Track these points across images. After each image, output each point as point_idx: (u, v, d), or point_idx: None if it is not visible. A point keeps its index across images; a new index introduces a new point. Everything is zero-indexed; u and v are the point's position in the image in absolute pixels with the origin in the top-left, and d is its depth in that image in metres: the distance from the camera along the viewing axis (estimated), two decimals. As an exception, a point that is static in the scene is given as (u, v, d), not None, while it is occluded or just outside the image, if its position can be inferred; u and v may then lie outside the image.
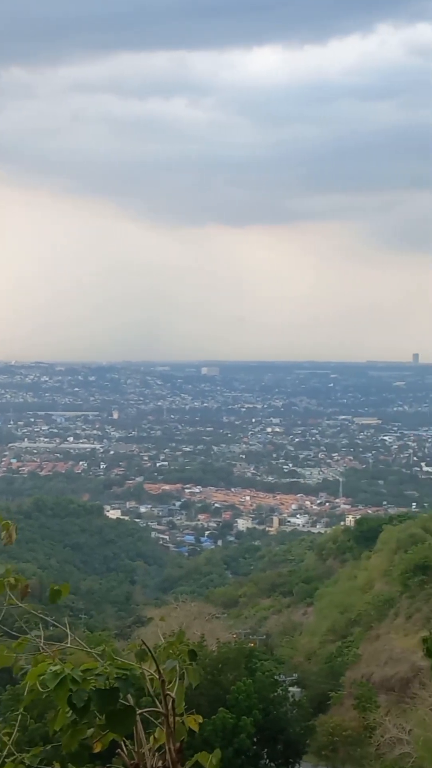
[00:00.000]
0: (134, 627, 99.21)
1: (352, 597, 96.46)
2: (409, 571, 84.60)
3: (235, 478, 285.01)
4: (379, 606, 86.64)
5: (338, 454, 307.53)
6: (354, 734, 59.85)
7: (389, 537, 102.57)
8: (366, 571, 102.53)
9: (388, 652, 76.04)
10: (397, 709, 63.17)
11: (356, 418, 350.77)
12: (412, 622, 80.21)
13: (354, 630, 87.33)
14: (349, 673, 75.34)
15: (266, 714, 57.59)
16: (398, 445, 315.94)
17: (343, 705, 67.32)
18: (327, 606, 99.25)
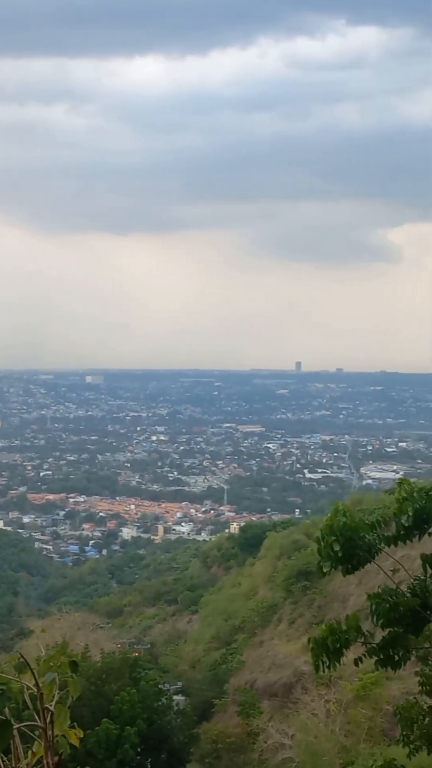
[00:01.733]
0: (16, 639, 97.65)
1: (236, 604, 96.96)
2: (292, 577, 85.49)
3: (120, 487, 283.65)
4: (263, 612, 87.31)
5: (223, 462, 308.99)
6: (237, 741, 60.18)
7: (273, 543, 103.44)
8: (250, 577, 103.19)
9: (271, 658, 76.67)
10: (280, 715, 63.81)
11: (240, 426, 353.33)
12: (294, 627, 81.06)
13: (238, 637, 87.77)
14: (233, 679, 75.73)
15: (150, 723, 57.43)
16: (281, 452, 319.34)
17: (227, 712, 67.68)
18: (211, 613, 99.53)
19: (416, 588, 14.96)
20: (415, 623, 15.07)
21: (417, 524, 14.64)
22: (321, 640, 14.64)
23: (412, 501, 14.49)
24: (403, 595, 14.91)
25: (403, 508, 14.51)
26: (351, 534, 14.14)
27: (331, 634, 14.58)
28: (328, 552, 14.38)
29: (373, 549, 14.38)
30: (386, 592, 14.92)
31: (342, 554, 14.19)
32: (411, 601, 14.78)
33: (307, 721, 55.51)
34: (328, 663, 14.73)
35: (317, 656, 14.77)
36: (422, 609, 14.89)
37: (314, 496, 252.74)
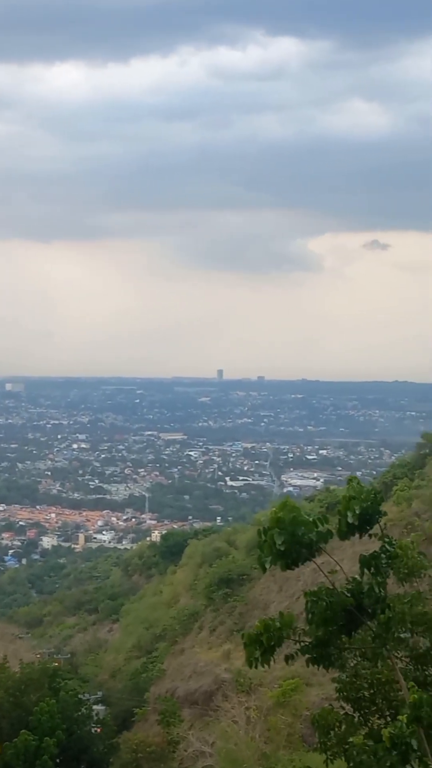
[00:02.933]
0: None
1: (157, 612, 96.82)
2: (213, 584, 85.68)
3: (41, 496, 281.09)
4: (184, 620, 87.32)
5: (144, 470, 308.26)
6: (157, 750, 60.02)
7: (194, 551, 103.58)
8: (171, 585, 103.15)
9: (192, 665, 76.68)
10: (201, 723, 63.85)
11: (162, 434, 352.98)
12: (216, 635, 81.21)
13: (159, 645, 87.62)
14: (153, 688, 75.58)
15: (70, 734, 56.99)
16: (203, 460, 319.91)
17: (148, 721, 67.51)
18: (132, 622, 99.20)
19: (352, 588, 15.07)
20: (348, 624, 15.19)
21: (361, 524, 14.75)
22: (255, 636, 14.67)
23: (359, 500, 14.60)
24: (339, 595, 15.00)
25: (350, 505, 14.60)
26: (294, 529, 14.18)
27: (265, 631, 14.61)
28: (269, 546, 14.40)
29: (314, 546, 14.45)
30: (323, 590, 15.02)
31: (284, 549, 14.22)
32: (346, 600, 14.89)
33: (228, 729, 55.64)
34: (261, 659, 14.75)
35: (251, 652, 14.77)
36: (356, 610, 15.00)
37: (236, 503, 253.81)
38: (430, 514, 78.10)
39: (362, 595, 14.86)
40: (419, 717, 14.22)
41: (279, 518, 14.22)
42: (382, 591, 15.04)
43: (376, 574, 15.04)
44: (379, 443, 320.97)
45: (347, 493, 14.70)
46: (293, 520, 14.17)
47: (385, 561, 15.20)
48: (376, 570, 15.08)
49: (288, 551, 14.26)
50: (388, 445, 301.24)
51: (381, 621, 15.12)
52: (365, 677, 17.22)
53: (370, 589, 14.87)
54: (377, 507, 14.76)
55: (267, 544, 14.37)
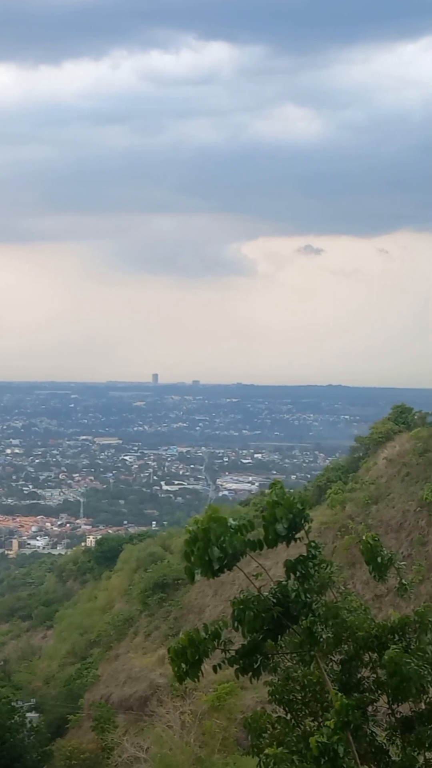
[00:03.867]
0: None
1: (92, 618, 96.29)
2: (148, 589, 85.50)
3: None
4: (119, 626, 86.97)
5: (79, 475, 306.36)
6: (91, 756, 59.69)
7: (129, 556, 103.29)
8: (106, 591, 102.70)
9: (127, 671, 76.44)
10: (135, 728, 63.63)
11: (97, 438, 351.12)
12: (150, 640, 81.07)
13: (94, 651, 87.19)
14: (88, 694, 75.17)
15: (2, 742, 56.49)
16: (138, 464, 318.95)
17: (82, 727, 67.09)
18: (67, 628, 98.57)
19: (278, 594, 15.09)
20: (275, 630, 15.21)
21: (289, 532, 14.74)
22: (180, 650, 14.59)
23: (287, 508, 14.56)
24: (266, 602, 15.01)
25: (276, 513, 14.55)
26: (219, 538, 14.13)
27: (190, 645, 14.54)
28: (196, 555, 14.34)
29: (239, 554, 14.42)
30: (249, 598, 15.00)
31: (209, 557, 14.17)
32: (273, 607, 14.91)
33: (162, 734, 55.50)
34: (188, 672, 14.70)
35: (177, 667, 14.71)
36: (283, 616, 15.02)
37: (171, 508, 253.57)
38: (363, 517, 78.90)
39: (288, 600, 14.90)
40: (347, 722, 14.33)
41: (205, 528, 14.18)
42: (308, 596, 15.10)
43: (302, 580, 15.09)
44: (314, 447, 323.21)
45: (271, 499, 14.68)
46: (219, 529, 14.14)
47: (312, 566, 15.24)
48: (302, 575, 15.14)
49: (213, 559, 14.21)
50: (322, 449, 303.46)
51: (304, 626, 15.21)
52: (297, 680, 17.32)
53: (297, 595, 14.91)
54: (304, 512, 14.80)
55: (194, 555, 14.33)
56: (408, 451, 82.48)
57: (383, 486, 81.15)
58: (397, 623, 17.73)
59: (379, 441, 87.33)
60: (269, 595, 15.03)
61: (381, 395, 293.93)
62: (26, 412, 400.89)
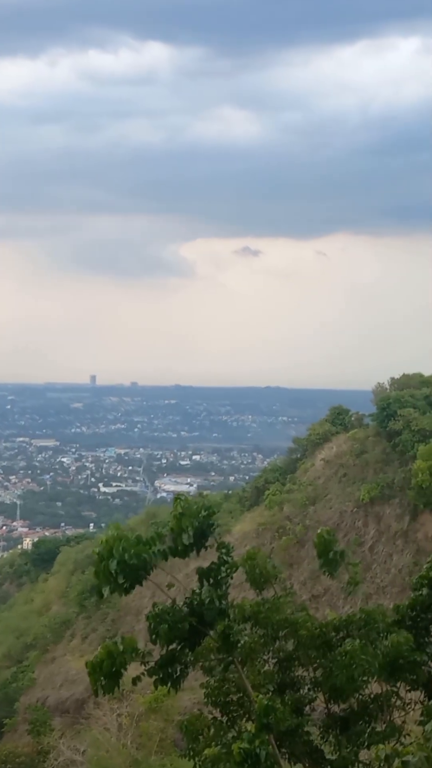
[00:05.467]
0: None
1: (28, 620, 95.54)
2: (85, 591, 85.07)
3: None
4: (56, 628, 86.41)
5: (16, 476, 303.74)
6: (27, 760, 59.14)
7: (66, 558, 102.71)
8: (43, 593, 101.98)
9: (63, 674, 76.01)
10: (72, 731, 63.27)
11: (34, 440, 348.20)
12: (88, 642, 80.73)
13: (30, 654, 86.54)
14: (23, 698, 74.61)
15: None
16: (76, 466, 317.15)
17: (17, 731, 66.56)
18: (2, 631, 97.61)
19: (193, 603, 15.15)
20: (191, 639, 15.26)
21: (196, 540, 14.81)
22: (98, 664, 14.63)
23: (191, 517, 14.64)
24: (180, 612, 15.07)
25: (182, 524, 14.64)
26: (127, 553, 14.18)
27: (108, 657, 14.59)
28: (105, 574, 14.39)
29: (149, 565, 14.45)
30: (164, 611, 15.05)
31: (119, 574, 14.21)
32: (187, 618, 14.96)
33: (99, 736, 55.24)
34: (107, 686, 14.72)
35: (95, 680, 14.75)
36: (199, 623, 15.08)
37: (109, 509, 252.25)
38: (301, 517, 79.40)
39: (203, 608, 14.98)
40: (268, 724, 14.36)
41: (110, 544, 14.23)
42: (223, 602, 15.17)
43: (216, 586, 15.16)
44: (252, 448, 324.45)
45: (176, 512, 14.78)
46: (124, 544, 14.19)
47: (225, 572, 15.30)
48: (215, 582, 15.20)
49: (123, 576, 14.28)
50: (261, 450, 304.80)
51: (218, 631, 15.29)
52: (232, 681, 17.37)
53: (210, 601, 14.97)
54: (209, 521, 14.89)
55: (103, 573, 14.38)
56: (345, 452, 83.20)
57: (321, 487, 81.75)
58: (344, 621, 17.92)
59: (317, 442, 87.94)
60: (183, 605, 15.08)
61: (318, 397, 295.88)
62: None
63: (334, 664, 16.87)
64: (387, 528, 76.29)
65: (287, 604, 18.19)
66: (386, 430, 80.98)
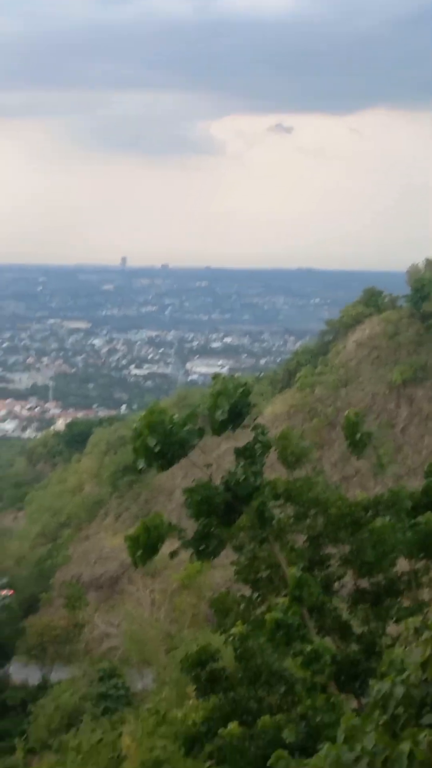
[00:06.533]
0: None
1: (62, 500, 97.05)
2: (118, 471, 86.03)
3: None
4: (89, 507, 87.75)
5: (48, 359, 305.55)
6: (63, 633, 60.79)
7: (99, 439, 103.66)
8: (76, 473, 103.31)
9: (97, 551, 77.41)
10: (106, 606, 64.81)
11: (65, 322, 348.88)
12: (121, 521, 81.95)
13: (64, 532, 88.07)
14: (58, 574, 76.14)
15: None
16: (107, 348, 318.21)
17: (53, 606, 68.15)
18: (37, 510, 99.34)
19: (229, 481, 15.23)
20: (227, 515, 15.33)
21: (231, 418, 14.74)
22: (136, 538, 14.77)
23: (226, 396, 14.53)
24: (216, 489, 15.16)
25: (218, 402, 14.55)
26: (164, 430, 14.13)
27: (144, 531, 14.72)
28: (143, 449, 14.34)
29: (187, 444, 14.42)
30: (200, 486, 15.11)
31: (157, 450, 14.16)
32: (223, 493, 15.03)
33: (133, 611, 56.53)
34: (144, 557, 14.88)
35: (133, 552, 14.92)
36: (234, 501, 15.12)
37: (140, 392, 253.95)
38: (332, 400, 79.25)
39: (238, 485, 15.08)
40: (300, 596, 14.50)
41: (149, 421, 14.19)
42: (258, 479, 15.25)
43: (251, 465, 15.26)
44: (283, 330, 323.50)
45: (214, 390, 14.69)
46: (161, 421, 14.14)
47: (260, 451, 15.40)
48: (250, 460, 15.30)
49: (161, 452, 14.31)
50: (292, 332, 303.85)
51: (254, 507, 15.38)
52: (263, 559, 17.55)
53: (245, 478, 15.08)
54: (246, 400, 14.81)
55: (140, 447, 14.37)
56: (378, 335, 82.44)
57: (353, 369, 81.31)
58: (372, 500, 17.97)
59: (349, 324, 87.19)
60: (220, 482, 15.21)
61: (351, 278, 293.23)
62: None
63: (364, 541, 17.00)
64: (419, 410, 76.11)
65: (318, 483, 18.24)
66: (420, 311, 79.97)
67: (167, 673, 42.92)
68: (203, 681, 17.39)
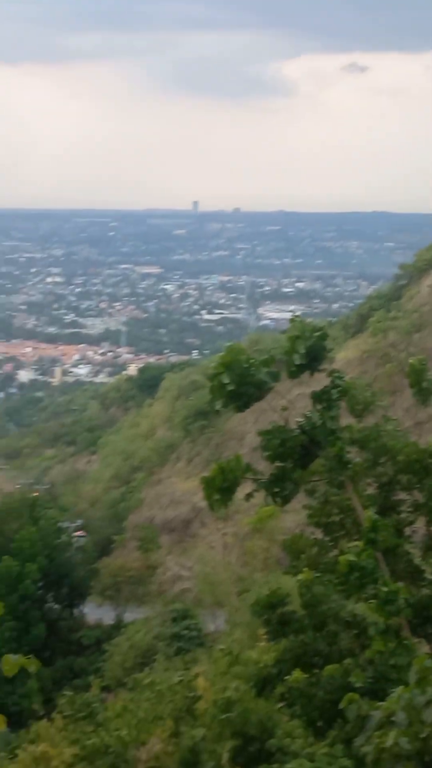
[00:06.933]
0: None
1: (135, 444, 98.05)
2: (190, 416, 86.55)
3: (16, 330, 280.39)
4: (161, 451, 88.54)
5: (120, 304, 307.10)
6: (137, 574, 61.82)
7: (171, 384, 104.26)
8: (148, 418, 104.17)
9: (169, 495, 78.21)
10: (179, 548, 65.62)
11: (137, 267, 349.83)
12: (192, 465, 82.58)
13: (137, 475, 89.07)
14: (132, 516, 77.20)
15: (51, 560, 58.49)
16: (179, 293, 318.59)
17: (127, 547, 69.23)
18: (110, 453, 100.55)
19: (305, 425, 15.20)
20: (302, 458, 15.33)
21: (308, 362, 14.64)
22: (211, 480, 14.82)
23: (304, 339, 14.45)
24: (291, 432, 15.15)
25: (295, 346, 14.48)
26: (242, 371, 14.08)
27: (220, 474, 14.76)
28: (220, 389, 14.31)
29: (264, 386, 14.37)
30: (276, 428, 15.12)
31: (234, 391, 14.14)
32: (299, 437, 15.00)
33: (205, 554, 57.25)
34: (220, 500, 14.95)
35: (209, 495, 14.99)
36: (310, 444, 15.11)
37: (212, 337, 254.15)
38: (405, 345, 78.43)
39: (314, 429, 15.04)
40: (374, 540, 14.51)
41: (225, 362, 14.12)
42: (334, 424, 15.21)
43: (327, 409, 15.18)
44: (356, 275, 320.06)
45: (291, 333, 14.59)
46: (239, 362, 14.08)
47: (336, 395, 15.31)
48: (327, 405, 15.21)
49: (238, 393, 14.24)
50: (365, 277, 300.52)
51: (332, 452, 15.36)
52: (335, 503, 17.60)
53: (322, 423, 15.02)
54: (322, 344, 14.67)
55: (217, 387, 14.31)
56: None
57: (427, 314, 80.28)
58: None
59: (423, 269, 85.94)
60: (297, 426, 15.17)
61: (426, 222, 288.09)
62: (66, 240, 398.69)
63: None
64: None
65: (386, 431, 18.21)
66: None
67: (239, 615, 43.48)
68: (274, 624, 17.56)
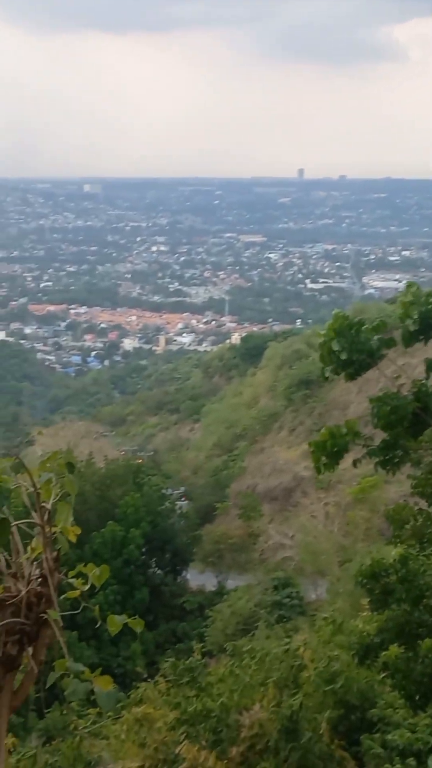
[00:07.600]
0: (22, 447, 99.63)
1: (237, 412, 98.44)
2: (293, 386, 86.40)
3: (121, 298, 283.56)
4: (264, 420, 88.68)
5: (224, 272, 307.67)
6: (239, 541, 62.20)
7: (274, 353, 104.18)
8: (251, 387, 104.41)
9: (272, 463, 78.36)
10: (280, 517, 65.78)
11: (241, 236, 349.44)
12: (295, 434, 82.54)
13: (239, 444, 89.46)
14: (234, 484, 77.64)
15: (154, 526, 59.33)
16: (283, 262, 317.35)
17: (229, 515, 69.70)
18: (213, 422, 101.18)
19: (417, 392, 15.04)
20: (414, 426, 15.18)
21: (423, 329, 14.44)
22: (321, 444, 14.76)
23: (418, 305, 14.25)
24: (404, 399, 15.00)
25: (409, 311, 14.28)
26: (354, 338, 13.96)
27: (330, 438, 14.69)
28: (330, 356, 14.22)
29: (376, 354, 14.23)
30: (387, 395, 14.98)
31: (345, 358, 14.04)
32: (411, 404, 14.83)
33: (307, 523, 57.27)
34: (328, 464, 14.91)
35: (317, 459, 14.93)
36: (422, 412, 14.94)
37: (316, 306, 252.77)
38: None
39: (428, 397, 14.84)
40: None
41: (336, 329, 13.99)
42: None
43: None
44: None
45: (405, 299, 14.35)
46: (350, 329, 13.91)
47: None
48: None
49: (349, 360, 14.09)
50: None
51: None
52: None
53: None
54: None
55: (327, 355, 14.19)
56: None
57: None
58: None
59: None
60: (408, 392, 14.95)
61: None
62: (171, 209, 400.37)
63: None
64: None
65: None
66: None
67: (341, 584, 43.46)
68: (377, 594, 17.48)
